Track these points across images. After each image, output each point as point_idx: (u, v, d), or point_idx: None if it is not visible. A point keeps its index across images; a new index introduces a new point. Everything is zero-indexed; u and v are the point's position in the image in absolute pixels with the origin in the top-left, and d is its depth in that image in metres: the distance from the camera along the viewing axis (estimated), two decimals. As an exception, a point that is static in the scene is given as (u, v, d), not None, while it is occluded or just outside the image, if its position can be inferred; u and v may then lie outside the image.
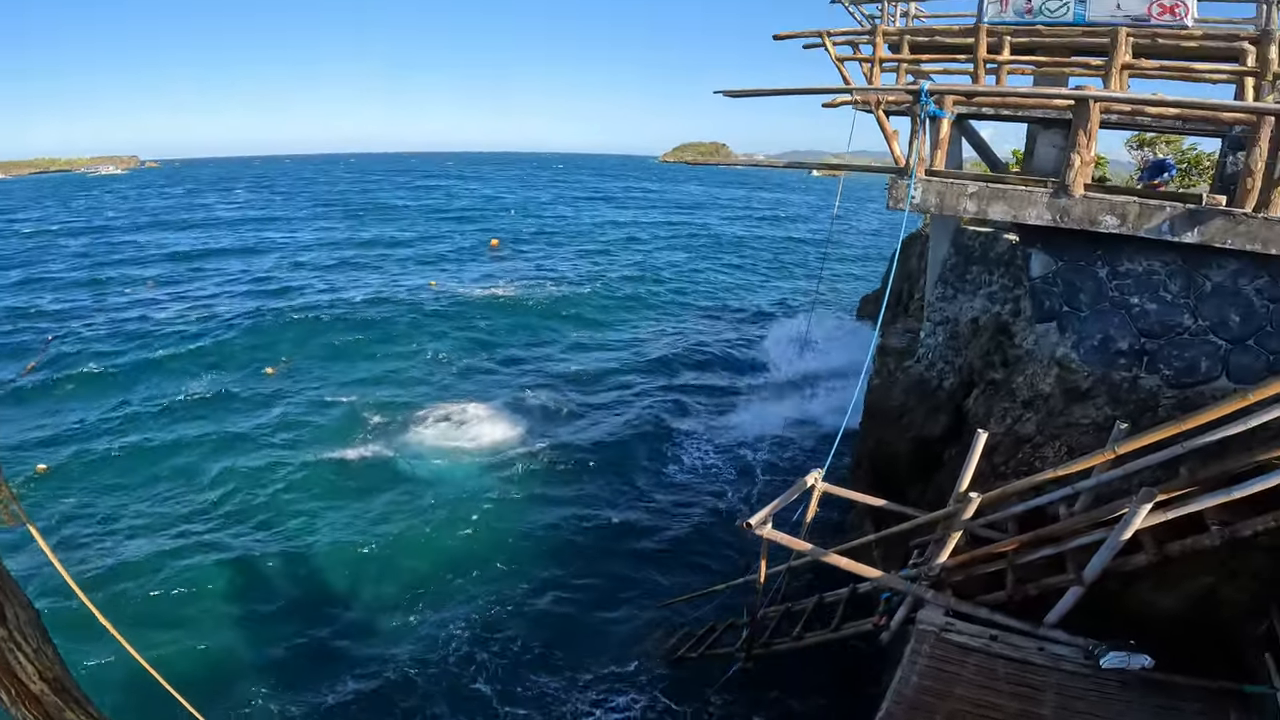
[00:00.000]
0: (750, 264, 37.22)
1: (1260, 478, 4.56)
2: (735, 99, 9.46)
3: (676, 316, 25.30)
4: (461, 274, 31.10)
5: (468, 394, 17.38)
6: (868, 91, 7.80)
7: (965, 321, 8.93)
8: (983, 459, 6.28)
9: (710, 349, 21.67)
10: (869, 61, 10.18)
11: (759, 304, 27.79)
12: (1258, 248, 5.00)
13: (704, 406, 16.99)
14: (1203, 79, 7.76)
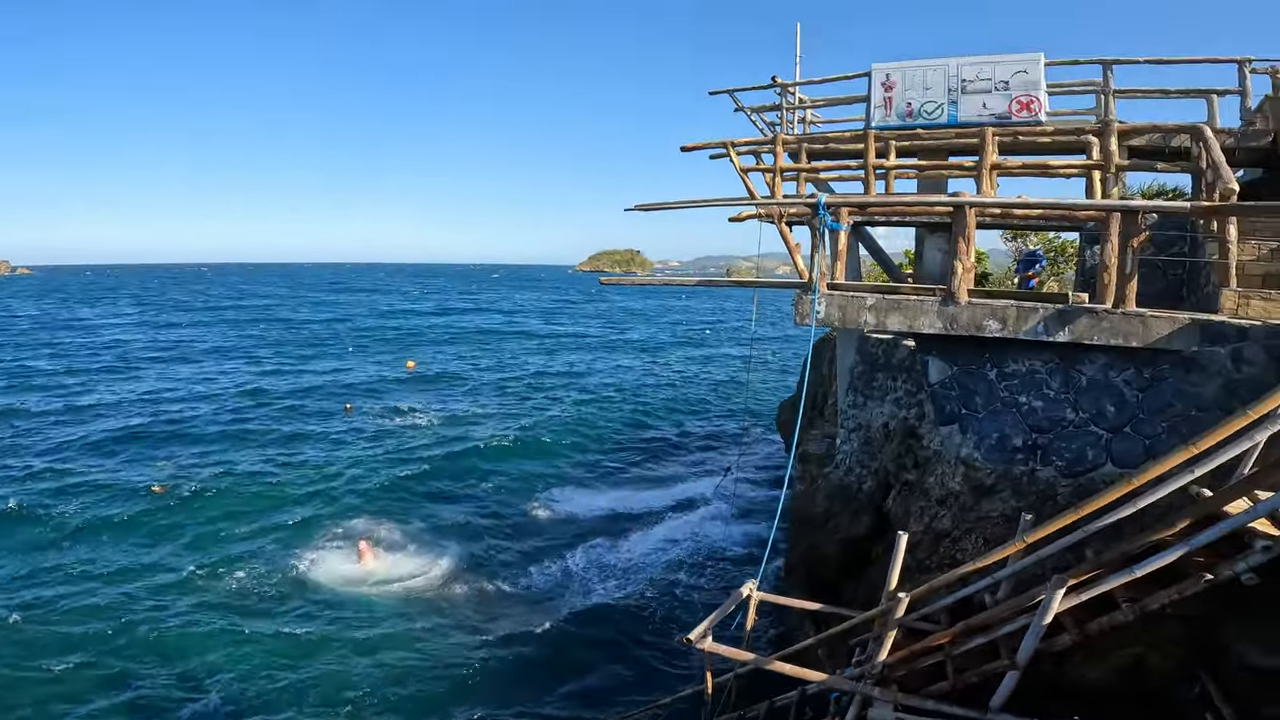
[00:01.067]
0: (676, 375, 38.30)
1: (1156, 556, 4.99)
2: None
3: (603, 434, 25.41)
4: (375, 397, 30.28)
5: (381, 517, 16.83)
6: (769, 205, 8.66)
7: (877, 427, 9.58)
8: (907, 555, 6.74)
9: (637, 466, 21.83)
10: (771, 171, 11.31)
11: (686, 418, 28.39)
12: (1120, 341, 5.75)
13: (634, 525, 16.91)
14: (1058, 174, 9.14)
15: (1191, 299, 7.20)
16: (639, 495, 18.98)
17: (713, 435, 25.44)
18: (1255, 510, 4.73)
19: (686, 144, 12.74)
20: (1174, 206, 6.06)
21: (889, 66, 11.97)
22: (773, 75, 13.87)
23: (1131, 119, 9.65)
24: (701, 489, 19.05)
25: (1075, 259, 14.08)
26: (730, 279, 8.72)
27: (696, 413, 29.03)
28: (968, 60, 11.40)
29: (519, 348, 47.41)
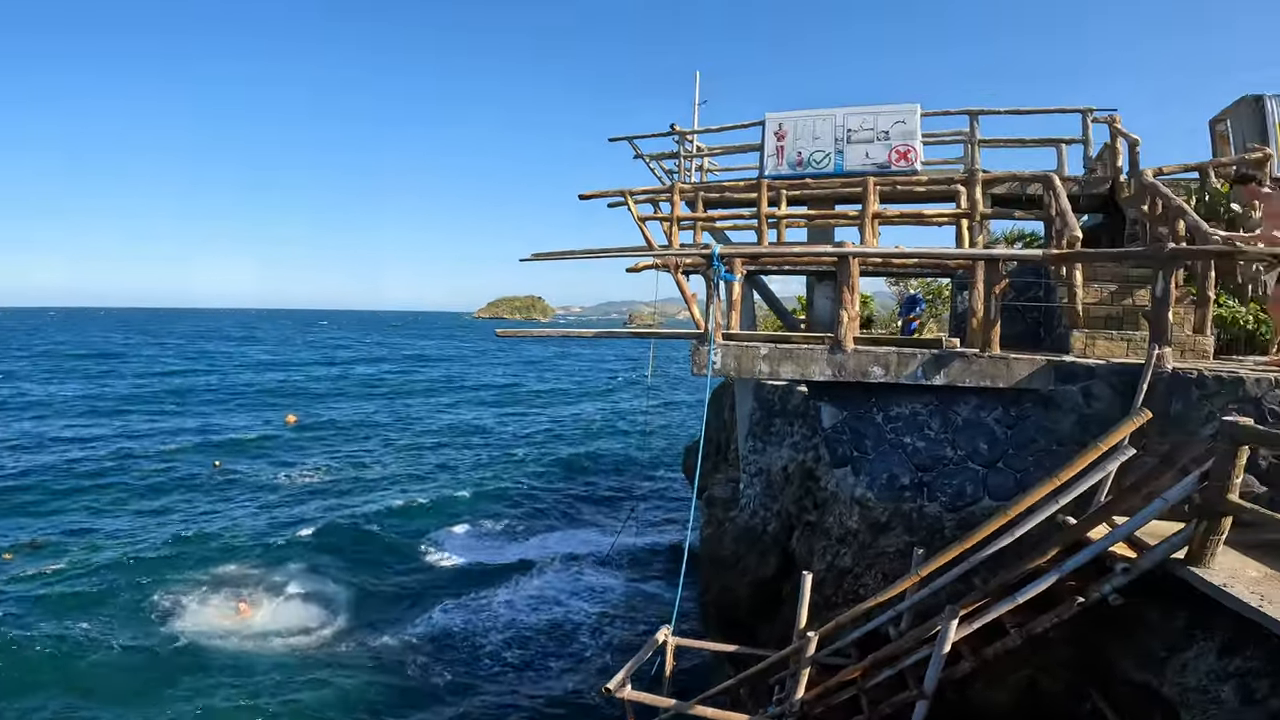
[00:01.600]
0: (580, 423, 38.15)
1: (1034, 583, 5.43)
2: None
3: (503, 485, 24.91)
4: (251, 453, 28.45)
5: (261, 575, 15.94)
6: (664, 255, 8.95)
7: (777, 470, 9.96)
8: (815, 593, 7.06)
9: (539, 516, 21.51)
10: (668, 220, 11.68)
11: (590, 466, 28.29)
12: (989, 383, 6.29)
13: (537, 575, 16.59)
14: (931, 222, 9.97)
15: (1048, 340, 7.99)
16: (542, 545, 18.73)
17: (618, 482, 25.49)
18: (1113, 535, 5.25)
19: (585, 192, 13.04)
20: (1028, 255, 6.77)
21: (781, 116, 12.73)
22: (671, 123, 14.49)
23: (996, 168, 10.74)
24: (606, 536, 19.00)
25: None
26: (628, 330, 8.94)
27: (601, 461, 29.02)
28: (853, 110, 12.30)
29: (412, 398, 46.04)
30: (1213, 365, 6.24)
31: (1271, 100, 10.13)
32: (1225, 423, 4.50)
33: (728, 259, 7.33)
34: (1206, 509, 4.67)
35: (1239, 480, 4.52)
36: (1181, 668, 4.75)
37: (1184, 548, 4.86)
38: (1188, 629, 4.88)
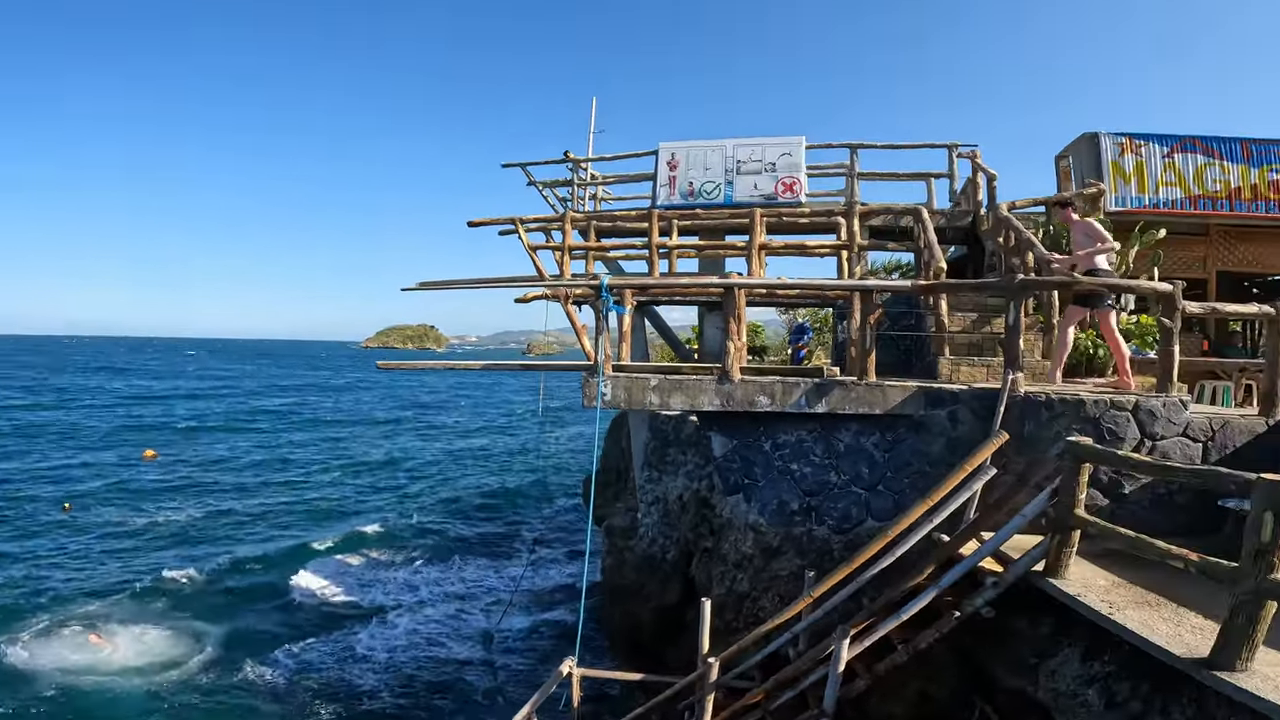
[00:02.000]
0: (476, 454, 37.26)
1: (915, 600, 5.74)
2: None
3: (390, 519, 23.87)
4: (105, 492, 25.99)
5: (117, 611, 14.58)
6: (553, 286, 9.00)
7: (673, 499, 10.11)
8: (717, 618, 7.13)
9: (431, 552, 20.68)
10: (560, 249, 11.71)
11: (487, 499, 27.62)
12: (866, 410, 6.65)
13: (428, 611, 15.89)
14: (814, 254, 10.49)
15: (919, 367, 8.54)
16: (433, 580, 17.98)
17: (516, 515, 24.93)
18: (981, 551, 5.62)
19: (474, 219, 12.92)
20: (897, 285, 7.27)
21: (674, 146, 13.07)
22: (565, 150, 14.59)
23: (876, 200, 11.44)
24: (503, 569, 18.55)
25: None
26: (517, 363, 8.88)
27: (497, 493, 28.37)
28: (742, 141, 12.78)
29: (289, 432, 43.60)
30: (1059, 388, 6.85)
31: (1105, 137, 11.33)
32: (1068, 443, 4.95)
33: (616, 290, 7.44)
34: (1058, 523, 5.10)
35: (1083, 495, 4.98)
36: (1051, 673, 5.07)
37: (1042, 560, 5.27)
38: (1053, 636, 5.24)
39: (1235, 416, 6.46)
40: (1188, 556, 3.95)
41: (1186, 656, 3.82)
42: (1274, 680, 3.47)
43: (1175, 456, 6.18)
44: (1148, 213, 10.83)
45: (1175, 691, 4.10)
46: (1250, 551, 3.50)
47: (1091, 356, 7.84)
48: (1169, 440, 6.22)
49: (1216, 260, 11.55)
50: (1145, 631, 4.19)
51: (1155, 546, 4.21)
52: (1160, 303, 6.38)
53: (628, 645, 10.41)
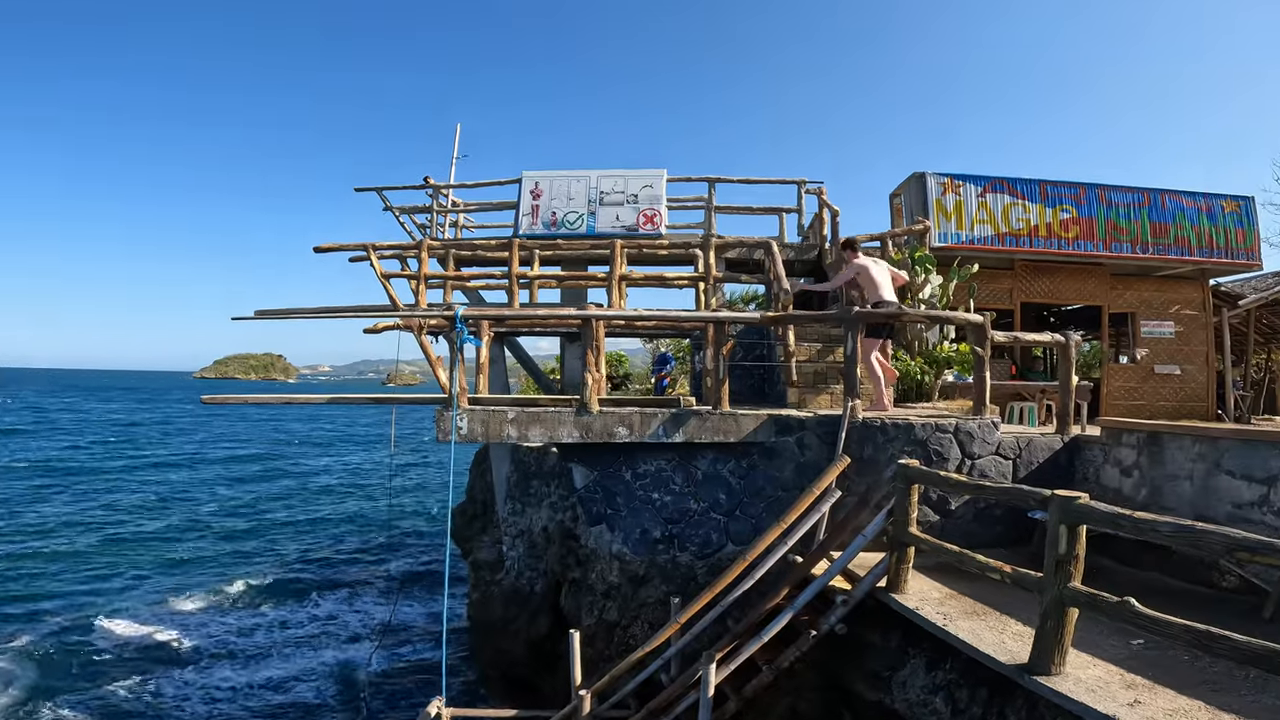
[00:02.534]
0: (328, 494, 34.90)
1: (775, 621, 5.93)
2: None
3: (241, 558, 21.82)
4: None
5: None
6: (406, 316, 8.63)
7: (538, 531, 9.94)
8: (588, 648, 7.09)
9: (286, 595, 19.04)
10: (415, 278, 11.27)
11: (346, 536, 25.89)
12: (721, 438, 6.85)
13: (283, 654, 14.54)
14: (673, 285, 10.74)
15: (771, 395, 8.96)
16: (281, 621, 16.59)
17: (375, 550, 23.61)
18: (831, 570, 5.90)
19: (321, 244, 12.19)
20: (747, 317, 7.59)
21: (538, 175, 12.98)
22: (425, 175, 14.11)
23: (733, 233, 11.90)
24: (362, 606, 17.44)
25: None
26: (367, 395, 8.42)
27: (355, 530, 26.81)
28: (606, 173, 12.90)
29: (112, 473, 39.10)
30: (893, 413, 7.39)
31: (930, 177, 12.43)
32: (899, 465, 5.32)
33: (473, 321, 7.25)
34: (895, 541, 5.45)
35: (915, 514, 5.34)
36: (902, 684, 5.35)
37: (885, 576, 5.61)
38: (901, 648, 5.53)
39: (1037, 435, 7.23)
40: (1002, 568, 4.31)
41: (1010, 663, 4.09)
42: (1085, 682, 3.76)
43: (991, 473, 6.82)
44: (965, 248, 11.95)
45: (1010, 696, 4.35)
46: (1051, 562, 3.86)
47: (921, 383, 8.54)
48: (985, 459, 6.86)
49: (1021, 293, 12.92)
50: (974, 640, 4.48)
51: (975, 560, 4.58)
52: (973, 332, 7.04)
53: (501, 680, 10.17)
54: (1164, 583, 5.80)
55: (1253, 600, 5.06)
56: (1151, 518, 3.55)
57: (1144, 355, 13.31)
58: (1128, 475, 6.48)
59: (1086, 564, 3.90)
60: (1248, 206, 13.04)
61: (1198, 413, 13.07)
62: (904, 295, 9.39)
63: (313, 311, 10.25)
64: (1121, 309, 13.44)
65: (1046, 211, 12.51)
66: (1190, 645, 3.24)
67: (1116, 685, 3.72)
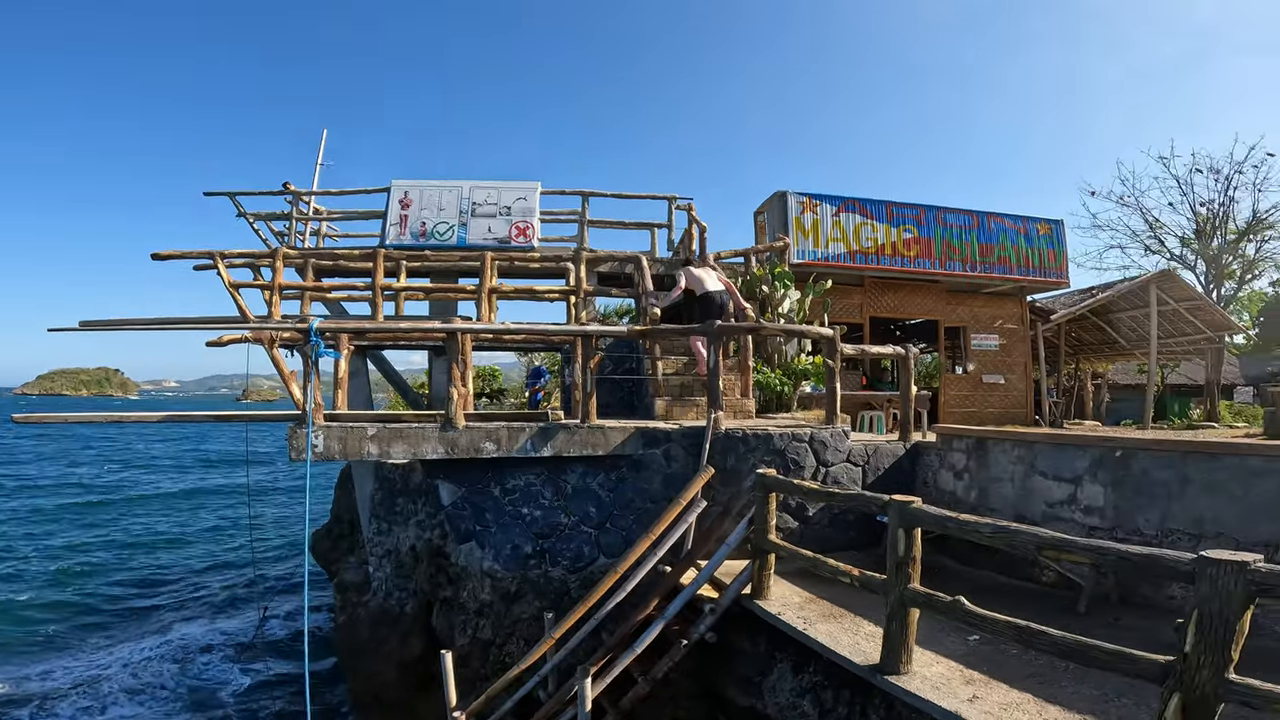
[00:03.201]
0: (178, 516, 31.76)
1: (647, 631, 5.90)
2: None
3: (74, 596, 19.34)
4: None
5: None
6: (257, 328, 7.98)
7: (405, 550, 9.49)
8: (464, 667, 6.82)
9: (117, 627, 17.07)
10: (269, 289, 10.49)
11: (203, 566, 23.60)
12: (590, 451, 6.81)
13: (133, 693, 13.02)
14: (544, 299, 10.58)
15: (640, 408, 9.02)
16: (125, 657, 14.93)
17: (234, 572, 21.77)
18: (698, 579, 5.95)
19: (160, 251, 11.16)
20: (614, 331, 7.57)
21: (408, 184, 12.43)
22: (285, 181, 13.20)
23: (606, 247, 11.90)
24: (219, 633, 15.99)
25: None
26: (211, 413, 7.70)
27: (210, 552, 24.60)
28: (479, 184, 12.54)
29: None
30: (754, 423, 7.62)
31: (791, 196, 13.00)
32: (757, 475, 5.47)
33: (329, 334, 6.81)
34: (757, 548, 5.58)
35: (774, 521, 5.50)
36: (771, 688, 5.44)
37: (749, 583, 5.73)
38: (769, 654, 5.62)
39: (883, 442, 7.69)
40: (850, 572, 4.50)
41: (864, 664, 4.24)
42: (930, 680, 3.95)
43: (843, 480, 7.17)
44: (820, 265, 12.62)
45: (870, 695, 4.48)
46: (892, 564, 4.07)
47: (781, 394, 8.87)
48: (838, 466, 7.21)
49: (870, 308, 13.81)
50: (831, 643, 4.62)
51: (827, 564, 4.76)
52: (825, 345, 7.39)
53: (374, 703, 9.63)
54: (995, 580, 6.28)
55: (1068, 594, 5.55)
56: (974, 519, 3.81)
57: (974, 366, 14.57)
58: (960, 478, 7.01)
59: (930, 564, 4.13)
60: (1058, 229, 14.58)
61: (1019, 419, 14.46)
62: (764, 309, 9.76)
63: (148, 322, 9.33)
64: (955, 323, 14.65)
65: (892, 231, 13.41)
66: (1015, 640, 3.47)
67: (957, 681, 3.93)
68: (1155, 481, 5.22)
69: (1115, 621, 4.98)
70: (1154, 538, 5.15)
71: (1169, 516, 5.11)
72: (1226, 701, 2.58)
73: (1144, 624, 4.81)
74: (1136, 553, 2.98)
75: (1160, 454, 5.24)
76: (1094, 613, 5.20)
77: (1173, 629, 2.73)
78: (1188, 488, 5.00)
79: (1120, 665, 2.92)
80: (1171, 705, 2.65)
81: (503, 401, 17.17)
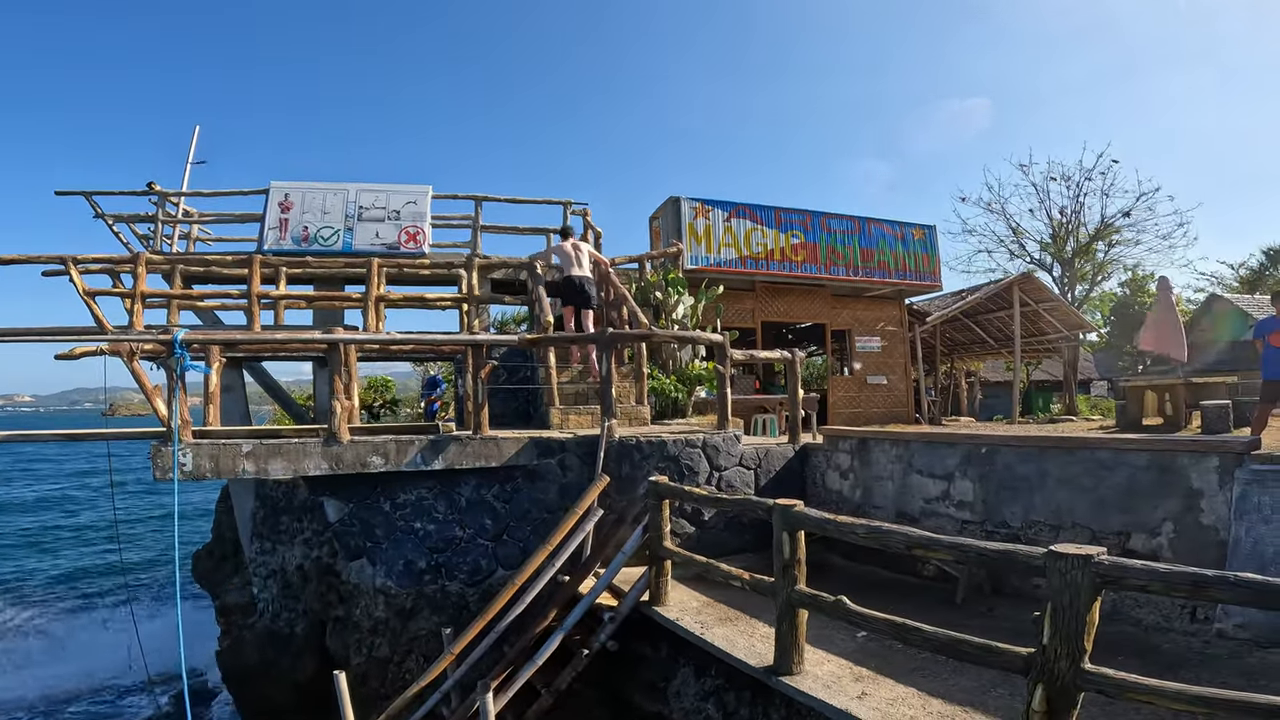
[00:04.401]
0: (39, 540, 28.62)
1: (548, 642, 5.73)
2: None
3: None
4: None
5: None
6: (115, 340, 7.25)
7: (293, 569, 8.97)
8: (361, 687, 6.47)
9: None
10: (131, 296, 9.61)
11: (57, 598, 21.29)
12: (483, 463, 6.58)
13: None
14: (435, 307, 10.15)
15: (536, 417, 8.85)
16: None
17: (102, 598, 19.83)
18: (596, 588, 5.85)
19: (2, 255, 10.04)
20: (505, 339, 7.39)
21: (289, 185, 11.65)
22: (149, 180, 12.11)
23: (500, 254, 11.55)
24: (96, 664, 14.51)
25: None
26: (64, 432, 6.91)
27: (72, 577, 22.33)
28: (366, 187, 11.90)
29: None
30: (649, 430, 7.61)
31: (684, 202, 13.09)
32: (649, 482, 5.44)
33: (196, 345, 6.26)
34: (652, 555, 5.54)
35: (669, 528, 5.48)
36: (675, 694, 5.41)
37: (647, 590, 5.68)
38: (671, 659, 5.59)
39: (774, 445, 7.85)
40: (741, 576, 4.53)
41: (759, 665, 4.25)
42: (821, 679, 3.99)
43: (736, 484, 7.25)
44: (713, 270, 12.78)
45: (770, 697, 4.47)
46: (779, 566, 4.11)
47: (676, 400, 8.91)
48: (730, 470, 7.29)
49: (761, 312, 14.13)
50: (728, 646, 4.62)
51: (719, 569, 4.77)
52: (716, 351, 7.47)
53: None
54: (880, 575, 6.50)
55: (947, 587, 5.80)
56: (851, 521, 3.90)
57: (859, 367, 15.21)
58: (845, 478, 7.25)
59: (820, 563, 4.19)
60: (931, 234, 15.42)
61: (901, 417, 15.20)
62: (658, 315, 9.78)
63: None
64: (841, 326, 15.23)
65: (780, 236, 13.76)
66: (893, 637, 3.56)
67: (847, 679, 3.99)
68: (1018, 476, 5.53)
69: (989, 612, 5.21)
70: (1019, 529, 5.46)
71: (1032, 509, 5.42)
72: (1084, 690, 2.68)
73: (1015, 613, 5.00)
74: (992, 549, 3.11)
75: (1021, 450, 5.56)
76: (970, 603, 5.43)
77: (1031, 621, 2.84)
78: (1046, 481, 5.32)
79: (988, 659, 3.03)
80: (1036, 696, 2.74)
81: (397, 413, 16.47)
